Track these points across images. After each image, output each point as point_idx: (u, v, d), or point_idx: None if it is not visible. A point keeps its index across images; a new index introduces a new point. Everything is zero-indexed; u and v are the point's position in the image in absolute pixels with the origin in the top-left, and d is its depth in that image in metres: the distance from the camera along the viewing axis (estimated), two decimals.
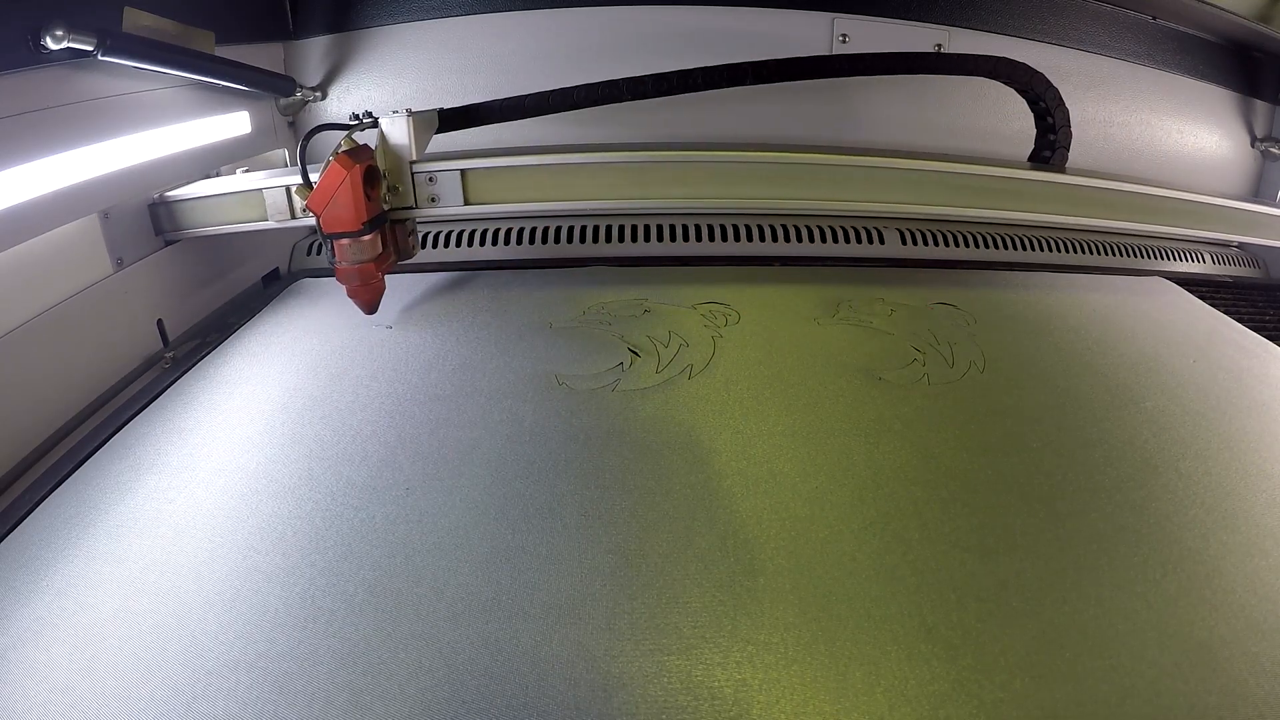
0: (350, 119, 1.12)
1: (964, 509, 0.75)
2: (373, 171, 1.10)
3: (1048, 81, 1.40)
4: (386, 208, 1.16)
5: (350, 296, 1.15)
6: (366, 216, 1.08)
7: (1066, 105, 1.43)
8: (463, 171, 1.17)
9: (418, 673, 0.57)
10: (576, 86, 1.30)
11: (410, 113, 1.14)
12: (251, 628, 0.61)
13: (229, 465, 0.84)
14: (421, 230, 1.58)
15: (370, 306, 1.19)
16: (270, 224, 1.21)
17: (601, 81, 1.29)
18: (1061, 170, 1.41)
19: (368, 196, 1.08)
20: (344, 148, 1.07)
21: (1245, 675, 0.56)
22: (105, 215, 1.09)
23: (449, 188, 1.18)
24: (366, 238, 1.09)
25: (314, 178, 1.10)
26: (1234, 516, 0.75)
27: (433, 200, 1.19)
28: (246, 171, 1.35)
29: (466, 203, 1.18)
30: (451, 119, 1.28)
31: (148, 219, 1.21)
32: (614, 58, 1.53)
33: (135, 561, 0.70)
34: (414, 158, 1.16)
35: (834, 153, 1.26)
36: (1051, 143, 1.45)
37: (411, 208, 1.19)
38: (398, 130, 1.14)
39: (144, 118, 1.14)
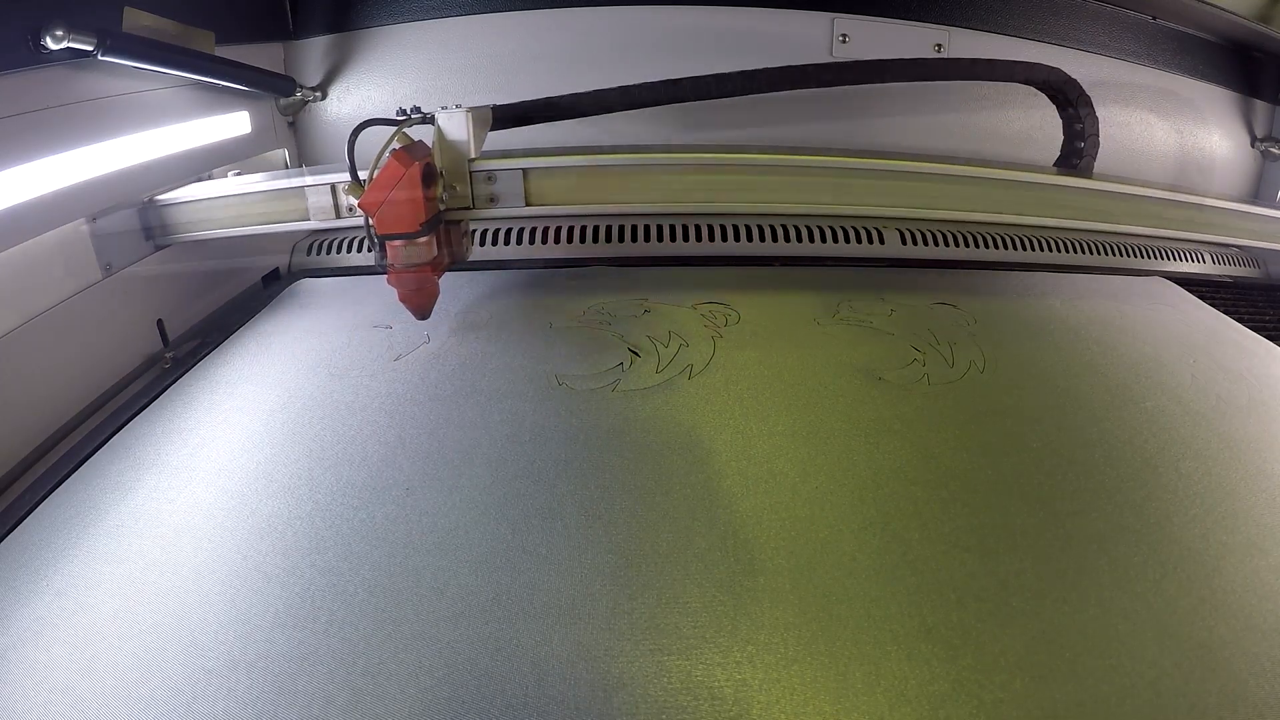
0: (397, 114, 1.06)
1: (964, 509, 0.75)
2: (430, 169, 1.05)
3: (1081, 88, 1.39)
4: (443, 208, 1.10)
5: (401, 301, 1.10)
6: (425, 217, 1.03)
7: (1096, 112, 1.42)
8: (525, 171, 1.10)
9: (418, 673, 0.57)
10: (637, 85, 1.25)
11: (469, 108, 1.08)
12: (251, 628, 0.61)
13: (229, 465, 0.84)
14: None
15: (423, 311, 1.13)
16: (312, 224, 1.16)
17: (663, 80, 1.24)
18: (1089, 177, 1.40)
19: (425, 196, 1.02)
20: (397, 144, 1.02)
21: (1245, 675, 0.56)
22: (139, 208, 1.10)
23: (510, 187, 1.11)
24: (423, 240, 1.03)
25: (313, 179, 1.10)
26: (1234, 516, 0.75)
27: (492, 200, 1.12)
28: (239, 174, 1.34)
29: (528, 203, 1.12)
30: (507, 116, 1.22)
31: (153, 219, 1.20)
32: (614, 58, 1.53)
33: (135, 561, 0.70)
34: (473, 155, 1.09)
35: (875, 157, 1.21)
36: (1079, 150, 1.44)
37: (469, 208, 1.12)
38: (456, 126, 1.07)
39: (144, 118, 1.14)
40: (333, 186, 1.14)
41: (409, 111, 1.07)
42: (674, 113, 1.41)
